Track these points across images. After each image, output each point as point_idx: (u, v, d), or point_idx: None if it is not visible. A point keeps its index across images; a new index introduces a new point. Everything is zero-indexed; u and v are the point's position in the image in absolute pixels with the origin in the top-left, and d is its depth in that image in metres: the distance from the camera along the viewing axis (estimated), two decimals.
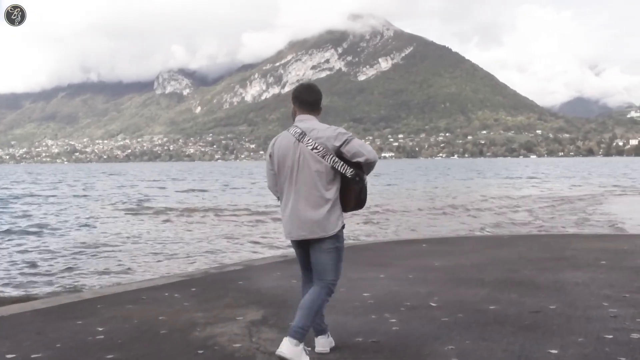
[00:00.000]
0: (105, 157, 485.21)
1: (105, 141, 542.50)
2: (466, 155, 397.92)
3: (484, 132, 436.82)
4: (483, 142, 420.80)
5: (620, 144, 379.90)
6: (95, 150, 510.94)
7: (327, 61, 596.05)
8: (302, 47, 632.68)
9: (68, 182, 67.60)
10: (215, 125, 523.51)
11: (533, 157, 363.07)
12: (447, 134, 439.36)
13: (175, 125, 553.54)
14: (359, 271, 9.05)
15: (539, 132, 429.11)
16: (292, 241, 4.78)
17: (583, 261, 9.50)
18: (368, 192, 4.73)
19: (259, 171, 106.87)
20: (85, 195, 40.02)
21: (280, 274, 8.98)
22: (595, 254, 10.27)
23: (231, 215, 25.03)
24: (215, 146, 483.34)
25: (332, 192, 4.57)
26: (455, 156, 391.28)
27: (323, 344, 4.95)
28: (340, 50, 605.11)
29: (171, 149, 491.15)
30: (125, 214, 26.40)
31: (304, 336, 4.50)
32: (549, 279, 8.05)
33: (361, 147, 4.51)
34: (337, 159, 4.50)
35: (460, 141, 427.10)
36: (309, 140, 4.54)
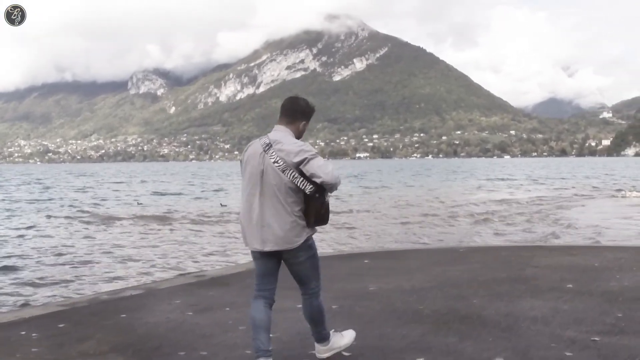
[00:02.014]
0: (78, 157, 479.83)
1: (79, 141, 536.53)
2: (440, 155, 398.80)
3: (458, 132, 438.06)
4: (457, 142, 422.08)
5: (593, 144, 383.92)
6: (69, 151, 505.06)
7: (302, 61, 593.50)
8: (277, 47, 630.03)
9: (31, 184, 65.03)
10: (190, 126, 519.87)
11: (507, 157, 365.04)
12: (421, 135, 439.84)
13: (149, 126, 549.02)
14: (276, 297, 7.49)
15: (512, 132, 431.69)
16: (253, 252, 4.63)
17: (546, 284, 7.99)
18: (330, 207, 4.69)
19: (233, 172, 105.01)
20: (34, 200, 37.60)
21: (180, 302, 7.41)
22: (560, 272, 8.79)
23: (177, 223, 22.54)
24: (189, 146, 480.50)
25: (294, 206, 4.48)
26: (430, 156, 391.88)
27: (323, 351, 5.03)
28: (315, 50, 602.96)
29: (145, 149, 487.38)
30: (69, 221, 23.90)
31: (327, 335, 5.00)
32: (500, 312, 6.52)
33: (319, 168, 4.37)
34: (297, 174, 4.41)
35: (435, 141, 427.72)
36: (272, 152, 4.47)
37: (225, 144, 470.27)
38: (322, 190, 4.44)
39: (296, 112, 4.70)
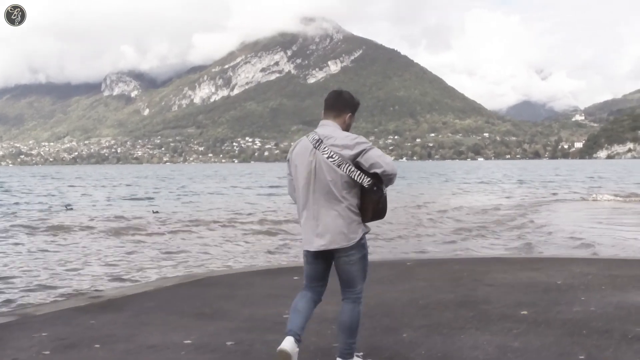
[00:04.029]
0: (51, 159, 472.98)
1: (52, 143, 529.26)
2: (414, 158, 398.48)
3: (433, 135, 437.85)
4: (431, 145, 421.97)
5: (566, 146, 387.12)
6: (42, 153, 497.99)
7: (277, 64, 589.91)
8: (252, 49, 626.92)
9: None
10: (164, 128, 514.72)
11: (480, 159, 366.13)
12: (396, 137, 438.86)
13: (123, 128, 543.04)
14: (166, 328, 6.15)
15: (486, 135, 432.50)
16: (307, 252, 4.55)
17: (497, 310, 6.65)
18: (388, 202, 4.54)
19: (206, 174, 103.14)
20: None
21: (47, 335, 5.99)
22: (516, 293, 7.48)
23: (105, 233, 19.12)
24: (163, 149, 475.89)
25: (350, 201, 4.38)
26: (404, 159, 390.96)
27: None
28: (289, 53, 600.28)
29: (119, 151, 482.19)
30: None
31: (352, 354, 4.62)
32: (434, 352, 5.17)
33: (379, 158, 4.35)
34: (353, 168, 4.34)
35: (409, 144, 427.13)
36: (325, 148, 4.40)
37: (200, 146, 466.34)
38: (379, 182, 4.35)
39: (342, 104, 4.62)
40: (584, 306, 6.75)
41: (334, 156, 4.34)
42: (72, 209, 27.22)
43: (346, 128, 4.60)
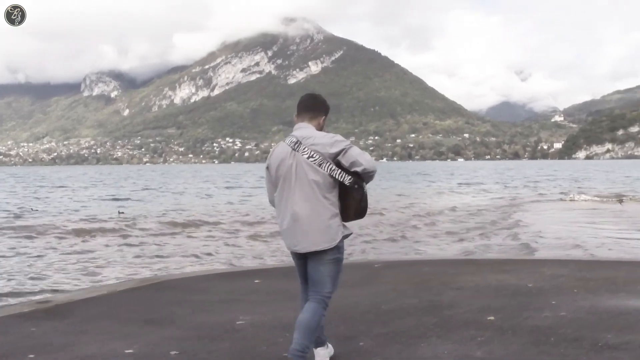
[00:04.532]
0: (30, 160, 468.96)
1: (31, 144, 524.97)
2: (395, 158, 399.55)
3: (413, 135, 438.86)
4: (412, 145, 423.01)
5: (545, 147, 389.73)
6: (20, 154, 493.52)
7: (257, 64, 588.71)
8: (233, 49, 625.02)
9: None
10: (144, 128, 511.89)
11: (460, 160, 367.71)
12: (376, 138, 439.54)
13: (102, 128, 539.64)
14: (108, 337, 5.76)
15: (466, 135, 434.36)
16: (293, 253, 4.54)
17: (462, 315, 6.29)
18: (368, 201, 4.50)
19: (186, 174, 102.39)
20: None
21: None
22: (484, 298, 7.13)
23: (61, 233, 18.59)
24: (143, 149, 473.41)
25: (332, 202, 4.39)
26: (385, 159, 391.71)
27: (323, 355, 4.74)
28: (270, 53, 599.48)
29: (98, 152, 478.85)
30: None
31: (325, 339, 4.77)
32: None
33: (359, 156, 4.35)
34: (334, 166, 4.34)
35: (390, 144, 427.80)
36: (304, 148, 4.39)
37: (180, 147, 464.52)
38: (360, 180, 4.36)
39: (319, 107, 4.66)
40: (554, 311, 6.40)
41: (314, 156, 4.34)
42: (123, 212, 26.17)
43: (320, 130, 4.60)
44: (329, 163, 4.33)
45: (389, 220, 22.58)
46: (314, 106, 4.63)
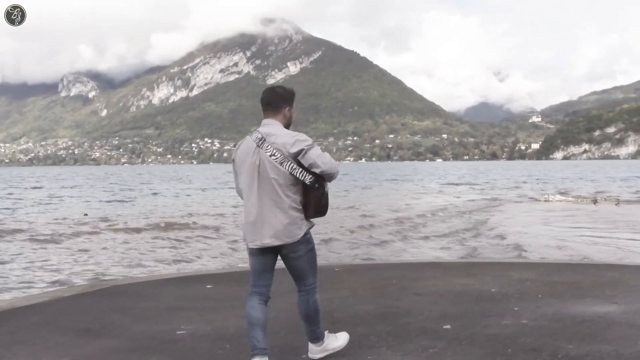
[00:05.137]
0: (7, 161, 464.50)
1: (7, 145, 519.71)
2: (373, 159, 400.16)
3: (392, 136, 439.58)
4: (390, 146, 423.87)
5: (523, 147, 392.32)
6: None
7: (236, 65, 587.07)
8: (211, 50, 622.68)
9: None
10: (122, 129, 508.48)
11: (439, 160, 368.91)
12: (355, 138, 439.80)
13: (80, 129, 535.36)
14: (40, 348, 5.37)
15: (444, 136, 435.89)
16: (251, 248, 4.52)
17: (418, 323, 5.94)
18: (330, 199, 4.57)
19: (162, 175, 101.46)
20: None
21: None
22: (443, 303, 6.79)
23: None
24: (121, 150, 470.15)
25: (293, 198, 4.41)
26: (363, 160, 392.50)
27: (316, 351, 4.82)
28: (249, 53, 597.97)
29: (76, 152, 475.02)
30: None
31: (321, 335, 4.81)
32: None
33: (318, 158, 4.35)
34: (295, 165, 4.36)
35: (368, 145, 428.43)
36: (267, 146, 4.41)
37: (158, 147, 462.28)
38: (321, 180, 4.38)
39: (278, 100, 4.60)
40: (515, 318, 6.07)
41: (276, 154, 4.35)
42: (87, 214, 25.66)
43: (288, 121, 4.61)
44: (290, 162, 4.34)
45: (356, 223, 22.23)
46: (273, 100, 4.59)
